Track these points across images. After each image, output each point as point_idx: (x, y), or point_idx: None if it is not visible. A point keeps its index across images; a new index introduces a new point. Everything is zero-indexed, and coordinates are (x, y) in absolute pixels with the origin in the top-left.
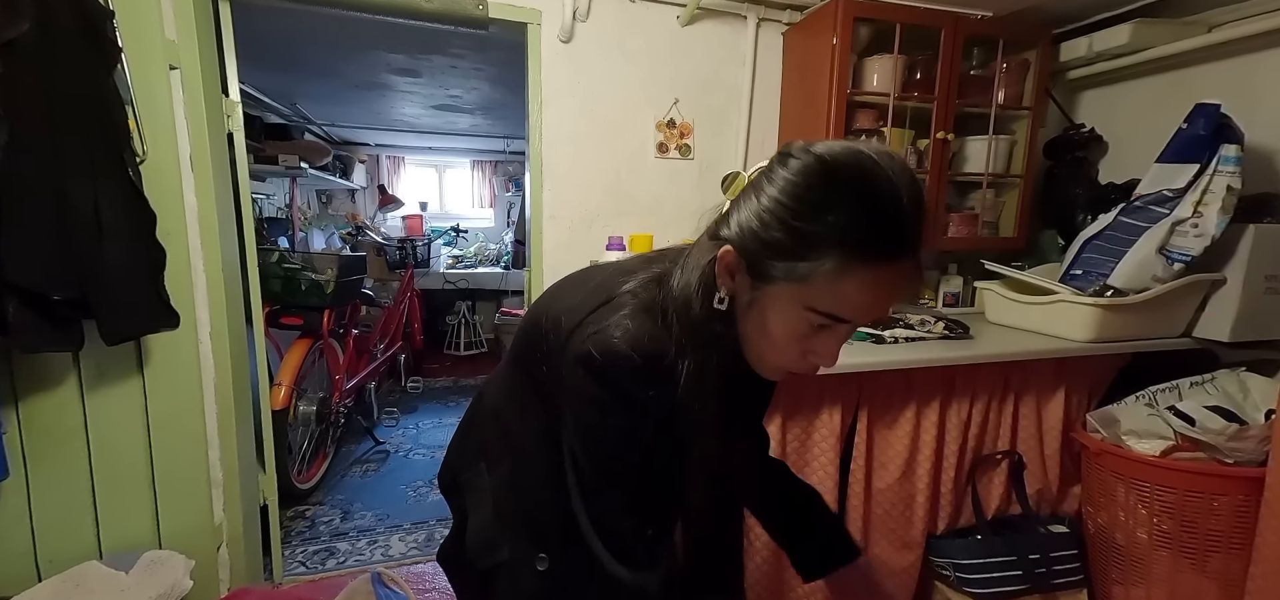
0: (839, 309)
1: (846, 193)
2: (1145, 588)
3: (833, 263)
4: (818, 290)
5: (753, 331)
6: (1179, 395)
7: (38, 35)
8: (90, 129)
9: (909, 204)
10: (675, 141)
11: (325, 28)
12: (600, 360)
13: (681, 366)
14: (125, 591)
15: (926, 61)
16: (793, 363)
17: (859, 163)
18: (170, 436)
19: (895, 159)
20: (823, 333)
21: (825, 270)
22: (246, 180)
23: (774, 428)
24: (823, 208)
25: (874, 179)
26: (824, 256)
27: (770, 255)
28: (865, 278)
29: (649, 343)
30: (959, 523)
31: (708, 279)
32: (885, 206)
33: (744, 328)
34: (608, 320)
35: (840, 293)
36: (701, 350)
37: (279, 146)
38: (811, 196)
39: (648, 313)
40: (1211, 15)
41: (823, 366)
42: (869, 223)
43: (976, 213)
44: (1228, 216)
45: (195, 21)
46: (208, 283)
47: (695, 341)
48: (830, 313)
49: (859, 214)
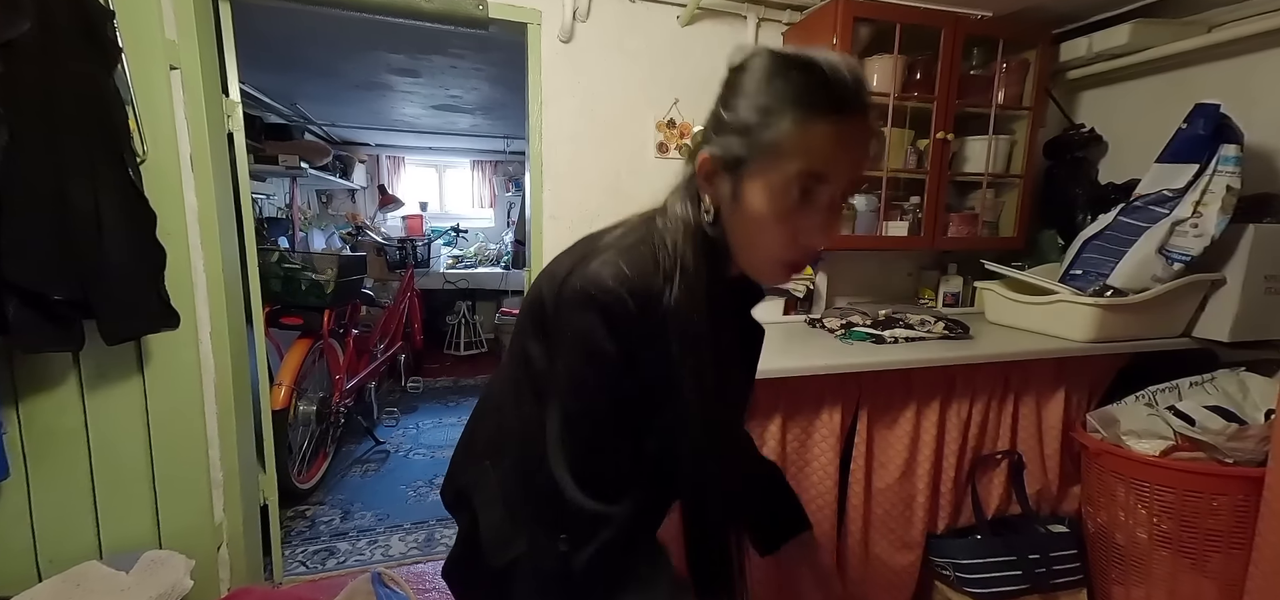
0: (810, 163)
1: (792, 64)
2: (1145, 587)
3: (791, 121)
4: (786, 155)
5: (741, 231)
6: (1179, 395)
7: (38, 35)
8: (90, 129)
9: (848, 71)
10: (675, 141)
11: (325, 28)
12: (588, 295)
13: (669, 296)
14: (125, 591)
15: (926, 61)
16: (786, 249)
17: (798, 48)
18: (170, 436)
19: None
20: (806, 207)
21: (787, 130)
22: (246, 180)
23: (774, 427)
24: (774, 80)
25: (813, 54)
26: (783, 117)
27: (738, 139)
28: (826, 129)
29: (637, 277)
30: (959, 522)
31: (692, 194)
32: (828, 70)
33: (733, 235)
34: (596, 260)
35: (807, 147)
36: (693, 271)
37: (279, 146)
38: (763, 78)
39: (637, 249)
40: (1211, 15)
41: (815, 245)
42: (817, 80)
43: (976, 213)
44: (1227, 216)
45: (195, 21)
46: (208, 283)
47: (685, 264)
48: (803, 171)
49: (806, 76)
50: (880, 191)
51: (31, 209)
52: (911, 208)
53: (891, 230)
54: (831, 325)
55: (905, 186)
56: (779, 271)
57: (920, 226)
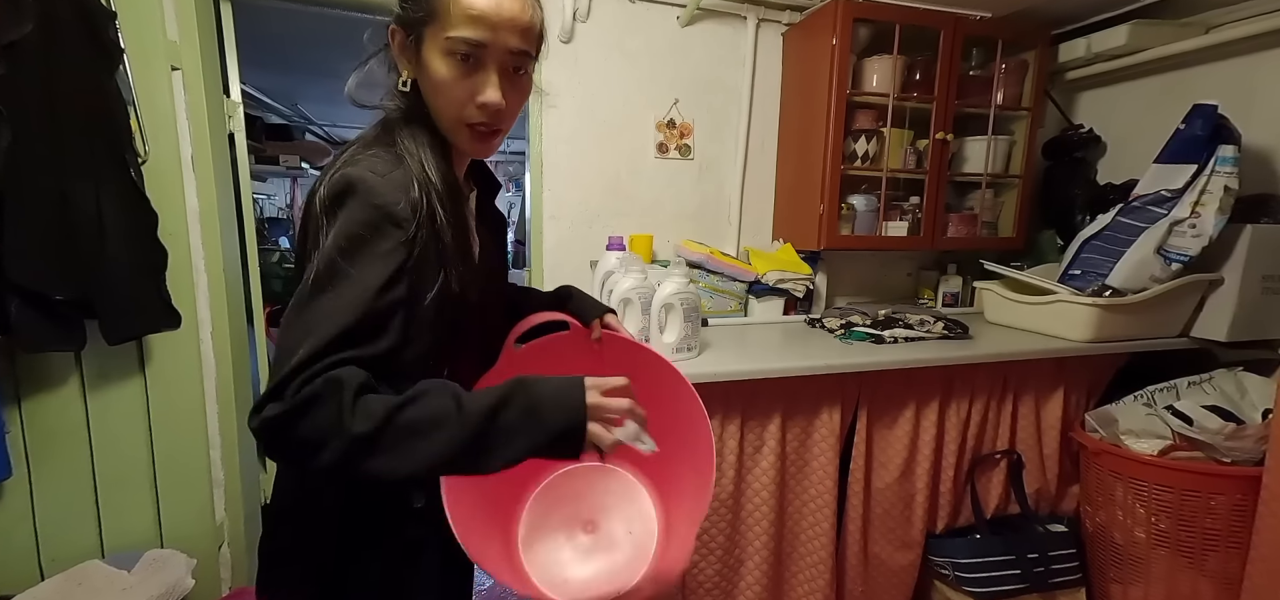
0: (464, 27)
1: None
2: (1143, 586)
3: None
4: (443, 23)
5: (429, 98)
6: (1177, 395)
7: (40, 36)
8: (92, 130)
9: None
10: (675, 141)
11: (326, 29)
12: (343, 186)
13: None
14: (127, 590)
15: (926, 62)
16: (466, 108)
17: None
18: (172, 436)
19: None
20: (474, 69)
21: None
22: (247, 180)
23: (773, 427)
24: None
25: None
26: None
27: (412, 12)
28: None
29: (369, 162)
30: (958, 522)
31: (393, 67)
32: None
33: (428, 100)
34: (341, 160)
35: (454, 14)
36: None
37: (280, 147)
38: None
39: (376, 143)
40: (1209, 16)
41: (492, 96)
42: None
43: (976, 213)
44: (1225, 217)
45: (196, 22)
46: (209, 283)
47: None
48: (459, 37)
49: None
50: (880, 192)
51: (34, 209)
52: (911, 208)
53: (891, 230)
54: (831, 325)
55: (905, 186)
56: (466, 136)
57: (920, 226)
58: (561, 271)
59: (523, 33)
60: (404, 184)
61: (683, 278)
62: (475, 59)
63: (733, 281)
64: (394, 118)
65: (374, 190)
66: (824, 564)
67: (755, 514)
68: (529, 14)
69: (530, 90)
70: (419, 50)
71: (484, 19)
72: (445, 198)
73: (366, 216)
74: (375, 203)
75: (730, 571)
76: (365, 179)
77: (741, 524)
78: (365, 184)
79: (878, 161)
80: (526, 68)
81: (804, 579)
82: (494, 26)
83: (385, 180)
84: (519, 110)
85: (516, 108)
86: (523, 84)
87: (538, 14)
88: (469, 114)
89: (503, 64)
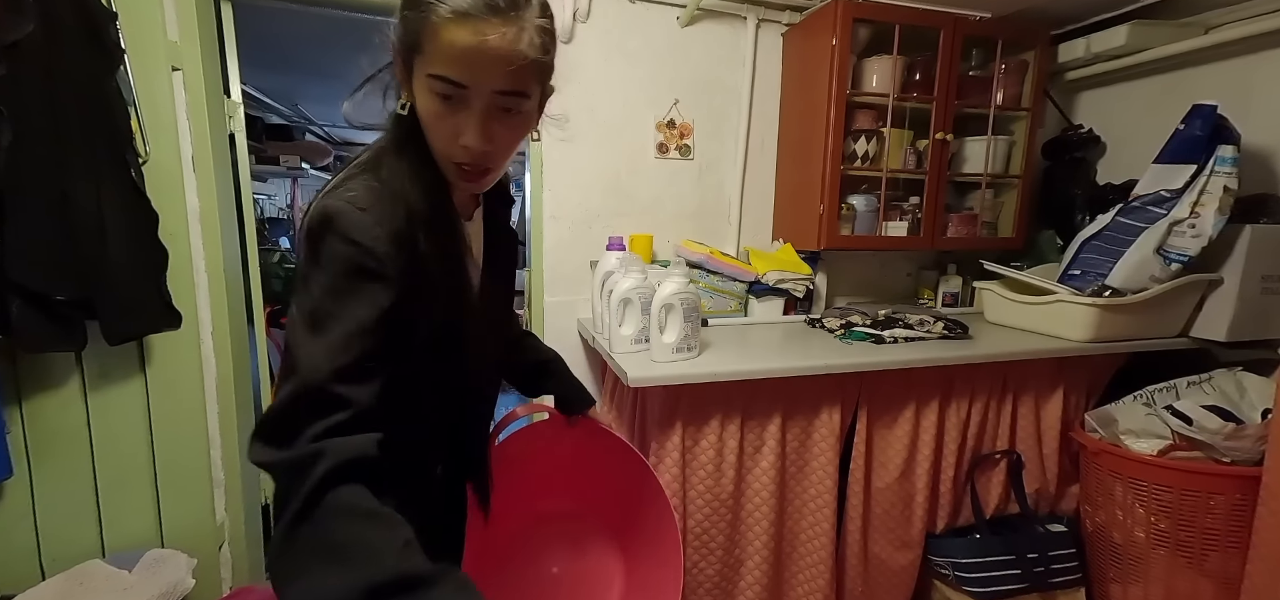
0: (445, 66)
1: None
2: (1143, 586)
3: (428, 24)
4: (427, 57)
5: (423, 127)
6: (1176, 394)
7: (42, 37)
8: (93, 130)
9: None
10: (675, 141)
11: (326, 29)
12: (320, 221)
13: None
14: (128, 590)
15: (925, 62)
16: (450, 147)
17: None
18: (172, 436)
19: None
20: (458, 107)
21: (427, 33)
22: (248, 181)
23: (773, 427)
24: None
25: None
26: (425, 20)
27: (403, 40)
28: (452, 32)
29: (355, 193)
30: (958, 522)
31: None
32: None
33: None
34: (327, 188)
35: (436, 51)
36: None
37: (280, 147)
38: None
39: (363, 174)
40: (1208, 17)
41: (471, 141)
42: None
43: (975, 213)
44: (1225, 217)
45: (197, 23)
46: (209, 283)
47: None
48: (439, 75)
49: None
50: (879, 192)
51: (35, 209)
52: (911, 208)
53: (891, 230)
54: (831, 325)
55: (904, 187)
56: (454, 172)
57: (919, 227)
58: (561, 271)
59: (512, 73)
60: (385, 217)
61: (683, 278)
62: (458, 98)
63: (733, 281)
64: (385, 143)
65: (352, 226)
66: (824, 564)
67: (755, 514)
68: (520, 51)
69: (529, 125)
70: (412, 82)
71: (464, 59)
72: (431, 231)
73: (345, 253)
74: (353, 238)
75: (730, 571)
76: (344, 214)
77: (741, 524)
78: (344, 218)
79: (878, 162)
80: (519, 106)
81: (804, 579)
82: (476, 67)
83: (366, 214)
84: (513, 147)
85: (509, 146)
86: (516, 122)
87: (534, 48)
88: (453, 153)
89: (489, 104)
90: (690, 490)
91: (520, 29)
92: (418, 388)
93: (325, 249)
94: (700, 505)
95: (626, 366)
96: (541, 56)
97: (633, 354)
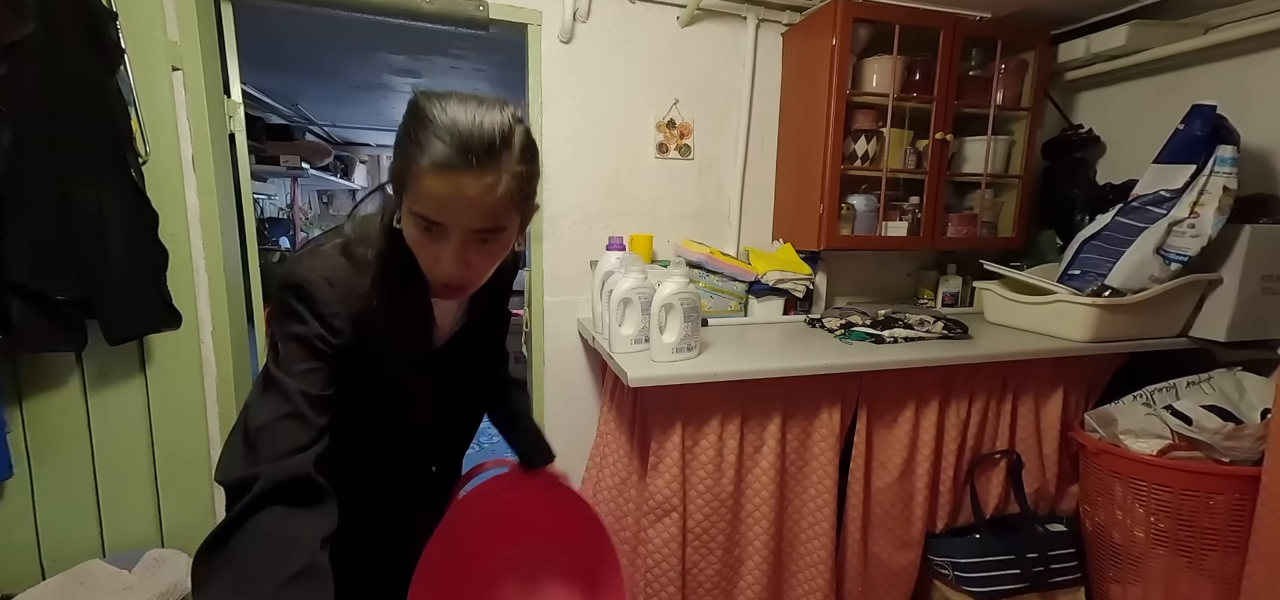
0: (424, 207)
1: (413, 108)
2: (1142, 586)
3: (412, 169)
4: (411, 194)
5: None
6: (1176, 394)
7: (42, 37)
8: (93, 130)
9: (463, 129)
10: (675, 142)
11: (326, 29)
12: (285, 281)
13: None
14: (128, 589)
15: (925, 62)
16: (431, 268)
17: (428, 97)
18: (172, 435)
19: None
20: (437, 238)
21: (412, 175)
22: (248, 181)
23: (773, 427)
24: (403, 128)
25: (431, 109)
26: (410, 164)
27: (393, 173)
28: (432, 180)
29: (330, 266)
30: (958, 522)
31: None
32: (438, 128)
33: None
34: (298, 257)
35: (418, 192)
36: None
37: (280, 147)
38: (403, 123)
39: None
40: (1208, 17)
41: (447, 269)
42: (426, 137)
43: (975, 213)
44: (1224, 217)
45: (197, 23)
46: (210, 283)
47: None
48: (420, 214)
49: (414, 121)
50: (879, 192)
51: (35, 210)
52: (911, 208)
53: (891, 230)
54: (831, 325)
55: (904, 187)
56: (435, 285)
57: (919, 226)
58: (561, 271)
59: (486, 212)
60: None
61: (683, 278)
62: (438, 229)
63: (733, 281)
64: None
65: (315, 300)
66: (824, 564)
67: (755, 514)
68: (495, 199)
69: (509, 246)
70: (402, 207)
71: (441, 204)
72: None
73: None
74: (315, 312)
75: (730, 571)
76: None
77: (741, 524)
78: (310, 286)
79: (877, 161)
80: (496, 237)
81: (804, 579)
82: (452, 211)
83: (333, 290)
84: (491, 267)
85: (486, 267)
86: (493, 248)
87: (510, 195)
88: (433, 274)
89: (466, 237)
90: (690, 490)
91: (496, 178)
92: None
93: (292, 312)
94: (700, 505)
95: (626, 366)
96: (519, 200)
97: (633, 354)
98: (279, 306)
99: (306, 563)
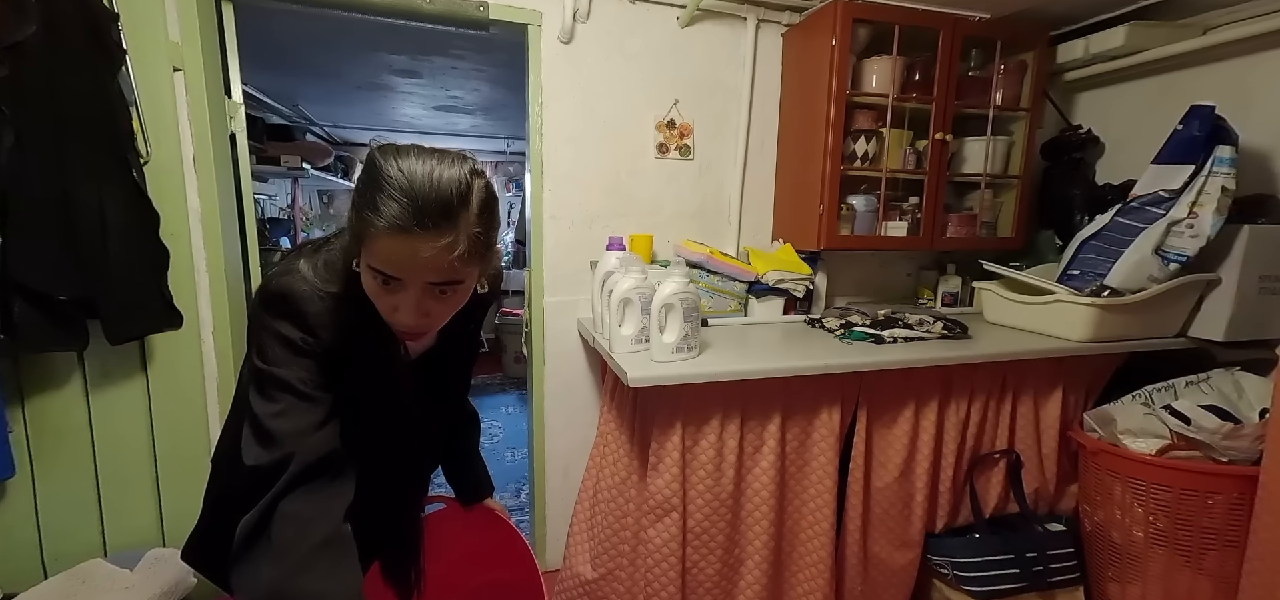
0: (381, 264)
1: (368, 177)
2: (1141, 585)
3: (367, 228)
4: (368, 250)
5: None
6: (1175, 394)
7: (44, 38)
8: (95, 130)
9: (419, 190)
10: (675, 142)
11: (327, 29)
12: (269, 293)
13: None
14: (130, 589)
15: (925, 63)
16: (389, 315)
17: (385, 153)
18: (174, 435)
19: (438, 157)
20: (394, 290)
21: (368, 234)
22: (249, 181)
23: (773, 427)
24: (360, 184)
25: (387, 166)
26: (365, 223)
27: (352, 227)
28: (387, 241)
29: (308, 279)
30: (957, 521)
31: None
32: (393, 189)
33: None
34: (275, 272)
35: (374, 249)
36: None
37: (281, 147)
38: (360, 178)
39: (313, 260)
40: (1207, 18)
41: (405, 320)
42: (381, 198)
43: (975, 213)
44: (1223, 217)
45: (198, 23)
46: (211, 283)
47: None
48: (376, 267)
49: (368, 180)
50: (879, 192)
51: (37, 210)
52: (910, 208)
53: (890, 230)
54: (831, 325)
55: (904, 187)
56: (397, 330)
57: (919, 227)
58: (561, 271)
59: (443, 270)
60: (330, 314)
61: (683, 278)
62: (395, 283)
63: (733, 281)
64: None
65: (300, 310)
66: (824, 564)
67: (755, 514)
68: (451, 255)
69: (468, 294)
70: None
71: (398, 262)
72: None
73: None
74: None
75: (730, 571)
76: (297, 295)
77: (741, 524)
78: (294, 297)
79: (877, 162)
80: (454, 289)
81: (804, 579)
82: (408, 269)
83: (315, 300)
84: (450, 313)
85: (445, 314)
86: (451, 297)
87: (466, 254)
88: (391, 321)
89: (424, 290)
90: (690, 490)
91: (454, 238)
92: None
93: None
94: (700, 505)
95: (626, 366)
96: (477, 257)
97: (633, 354)
98: (260, 319)
99: (331, 530)
